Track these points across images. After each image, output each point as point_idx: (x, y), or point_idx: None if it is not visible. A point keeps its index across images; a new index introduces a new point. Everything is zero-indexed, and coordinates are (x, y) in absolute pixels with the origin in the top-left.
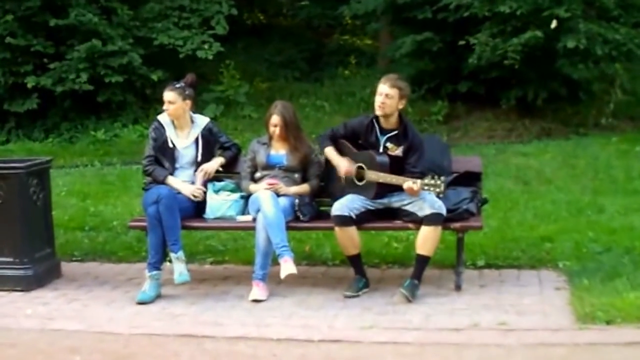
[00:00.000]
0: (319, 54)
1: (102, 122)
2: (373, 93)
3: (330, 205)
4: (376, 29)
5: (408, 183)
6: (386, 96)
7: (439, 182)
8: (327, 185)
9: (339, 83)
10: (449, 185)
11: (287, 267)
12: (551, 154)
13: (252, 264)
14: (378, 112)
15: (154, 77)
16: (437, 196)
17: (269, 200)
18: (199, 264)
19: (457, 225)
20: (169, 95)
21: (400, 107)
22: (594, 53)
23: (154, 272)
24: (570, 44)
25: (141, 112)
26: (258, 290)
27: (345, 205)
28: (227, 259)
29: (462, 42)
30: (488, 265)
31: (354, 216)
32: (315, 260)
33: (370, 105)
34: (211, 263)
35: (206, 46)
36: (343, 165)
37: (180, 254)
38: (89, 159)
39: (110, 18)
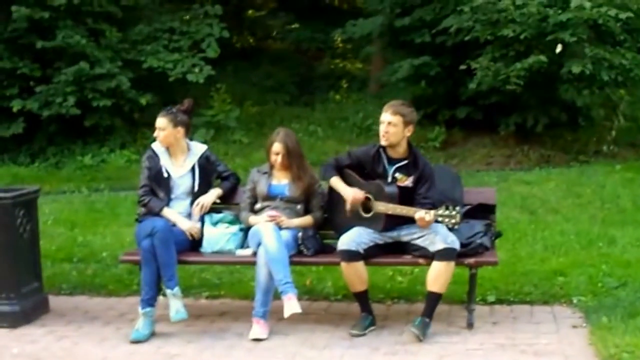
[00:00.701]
0: (309, 78)
1: (89, 146)
2: (366, 117)
3: (334, 238)
4: (369, 53)
5: (420, 213)
6: (389, 124)
7: (453, 212)
8: (331, 217)
9: (330, 107)
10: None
11: (291, 305)
12: (555, 182)
13: (250, 299)
14: (382, 142)
15: (143, 101)
16: (452, 228)
17: (271, 234)
18: (194, 298)
19: (471, 260)
20: (159, 121)
21: (408, 134)
22: (599, 79)
23: (148, 309)
24: (576, 69)
25: (129, 136)
26: (259, 328)
27: (353, 239)
28: (223, 293)
29: (463, 67)
30: (499, 301)
31: (361, 251)
32: (317, 295)
33: (363, 130)
34: (207, 297)
35: (197, 69)
36: (351, 192)
37: (177, 290)
38: (75, 185)
39: (98, 40)
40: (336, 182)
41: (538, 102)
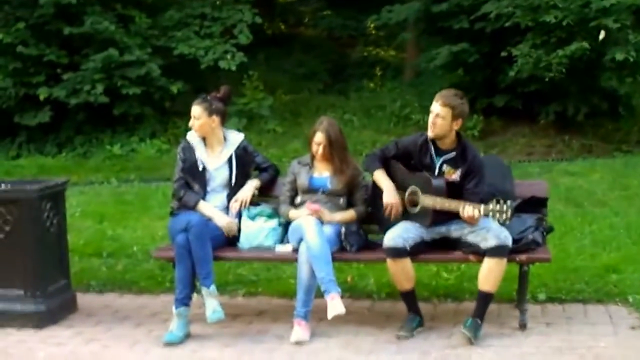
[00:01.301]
0: (342, 66)
1: (118, 136)
2: (404, 106)
3: (379, 234)
4: (405, 39)
5: (468, 209)
6: (437, 116)
7: (505, 207)
8: (375, 211)
9: (365, 96)
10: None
11: (335, 305)
12: (599, 174)
13: (289, 296)
14: (429, 133)
15: (174, 89)
16: (503, 223)
17: (314, 229)
18: (230, 296)
19: (522, 257)
20: (194, 109)
21: (456, 127)
22: None
23: (182, 309)
24: (619, 56)
25: (159, 125)
26: (300, 330)
27: (399, 234)
28: (261, 291)
29: (504, 54)
30: (550, 299)
31: (408, 247)
32: (359, 293)
33: (401, 119)
34: (243, 295)
35: (229, 56)
36: (391, 197)
37: (213, 288)
38: (104, 175)
39: (128, 26)
40: (380, 177)
41: (578, 90)
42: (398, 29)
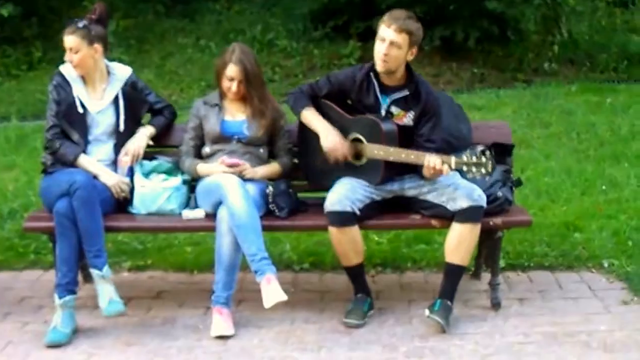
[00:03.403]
0: None
1: None
2: (266, 30)
3: (307, 191)
4: None
5: (433, 160)
6: (392, 44)
7: (483, 158)
8: (304, 162)
9: (217, 19)
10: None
11: (274, 291)
12: (510, 107)
13: (188, 270)
14: (379, 67)
15: (4, 12)
16: (483, 179)
17: (238, 191)
18: (113, 271)
19: (497, 221)
20: (69, 40)
21: (410, 58)
22: None
23: (68, 298)
24: None
25: None
26: (222, 321)
27: (345, 195)
28: (151, 264)
29: None
30: (511, 267)
31: (357, 211)
32: (275, 264)
33: (264, 45)
34: (129, 270)
35: None
36: (333, 138)
37: (107, 270)
38: None
39: None
40: (311, 117)
41: (468, 13)
42: None
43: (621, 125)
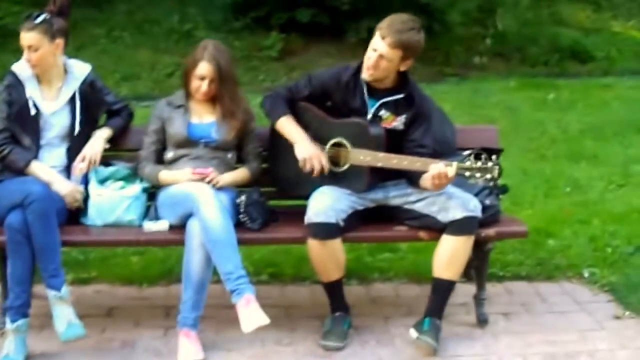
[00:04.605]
0: None
1: None
2: (184, 21)
3: (274, 198)
4: None
5: (437, 166)
6: (380, 57)
7: (489, 163)
8: (275, 167)
9: (130, 9)
10: None
11: (253, 313)
12: (449, 103)
13: (137, 283)
14: (365, 76)
15: None
16: (487, 185)
17: (213, 203)
18: None
19: (491, 232)
20: (28, 38)
21: (403, 68)
22: None
23: (21, 322)
24: None
25: None
26: (190, 344)
27: (330, 206)
28: (95, 276)
29: None
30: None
31: (341, 223)
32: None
33: (183, 36)
34: (72, 283)
35: None
36: (309, 151)
37: (65, 291)
38: None
39: None
40: (287, 126)
41: (400, 5)
42: None
43: (569, 123)
